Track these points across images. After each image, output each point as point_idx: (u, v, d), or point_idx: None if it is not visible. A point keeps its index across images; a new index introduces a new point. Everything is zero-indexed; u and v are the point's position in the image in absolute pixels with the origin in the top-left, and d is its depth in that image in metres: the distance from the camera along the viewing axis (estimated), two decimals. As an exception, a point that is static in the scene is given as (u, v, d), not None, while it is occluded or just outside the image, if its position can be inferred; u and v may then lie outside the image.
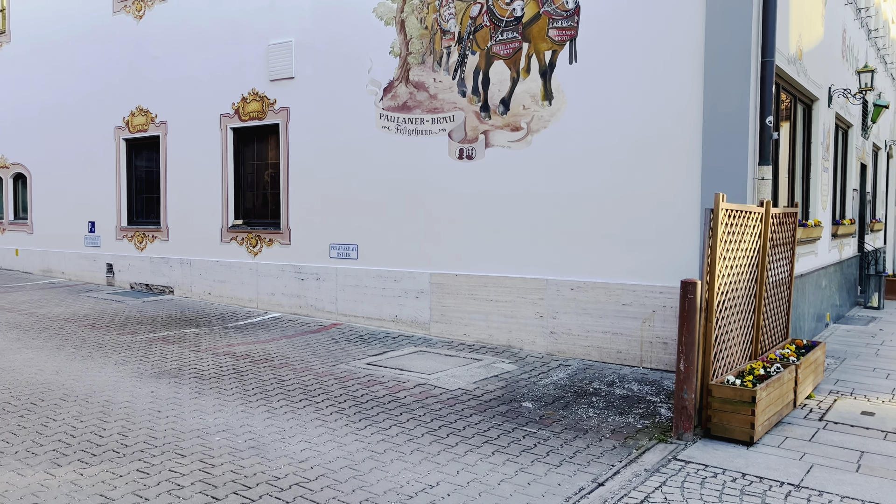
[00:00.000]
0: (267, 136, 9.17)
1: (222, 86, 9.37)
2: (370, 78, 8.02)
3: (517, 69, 6.96)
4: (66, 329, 7.49)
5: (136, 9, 10.30)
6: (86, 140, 11.14)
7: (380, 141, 7.96)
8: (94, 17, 10.84)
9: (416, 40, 7.68)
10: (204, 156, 9.64)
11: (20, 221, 12.44)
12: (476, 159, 7.29)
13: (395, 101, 7.84)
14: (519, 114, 6.98)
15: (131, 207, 10.78)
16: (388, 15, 7.85)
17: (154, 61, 10.15)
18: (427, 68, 7.61)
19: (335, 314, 8.34)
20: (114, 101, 10.69)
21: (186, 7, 9.72)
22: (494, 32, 7.11)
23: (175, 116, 9.99)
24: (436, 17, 7.52)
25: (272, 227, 9.03)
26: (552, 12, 6.70)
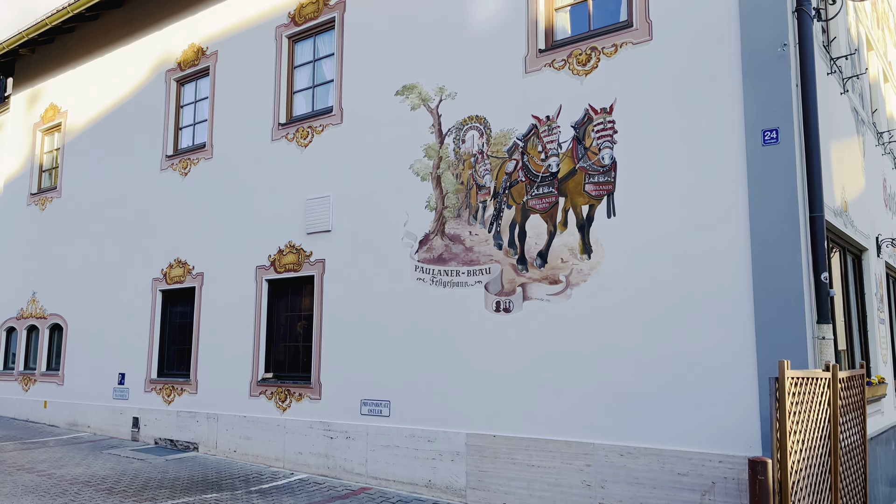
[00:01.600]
0: (301, 288, 9.13)
1: (259, 238, 9.49)
2: (406, 231, 8.03)
3: (554, 223, 6.89)
4: (82, 494, 7.09)
5: (183, 166, 10.73)
6: (123, 292, 11.26)
7: (415, 293, 7.83)
8: (143, 176, 11.30)
9: (451, 195, 7.74)
10: (237, 307, 9.60)
11: (52, 373, 12.36)
12: (513, 312, 7.07)
13: (431, 254, 7.78)
14: (557, 267, 6.82)
15: (162, 359, 10.65)
16: (425, 171, 7.98)
17: (195, 215, 10.42)
18: (463, 222, 7.60)
19: (365, 477, 7.83)
20: (154, 253, 10.89)
21: (229, 164, 10.09)
22: (530, 187, 7.13)
23: (212, 268, 10.08)
24: (471, 174, 7.61)
25: (302, 380, 8.76)
26: (588, 168, 6.71)
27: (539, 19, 7.26)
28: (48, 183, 13.46)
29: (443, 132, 7.91)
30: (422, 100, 8.10)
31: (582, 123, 6.82)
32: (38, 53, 13.76)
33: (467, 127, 7.71)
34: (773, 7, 5.84)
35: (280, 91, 9.62)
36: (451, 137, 7.83)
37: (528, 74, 7.27)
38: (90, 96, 12.60)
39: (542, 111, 7.12)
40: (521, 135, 7.26)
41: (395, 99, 8.33)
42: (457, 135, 7.79)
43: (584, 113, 6.82)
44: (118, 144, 11.88)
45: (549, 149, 7.02)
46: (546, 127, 7.07)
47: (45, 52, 13.65)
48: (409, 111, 8.19)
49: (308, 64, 9.57)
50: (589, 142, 6.74)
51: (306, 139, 9.21)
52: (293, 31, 9.56)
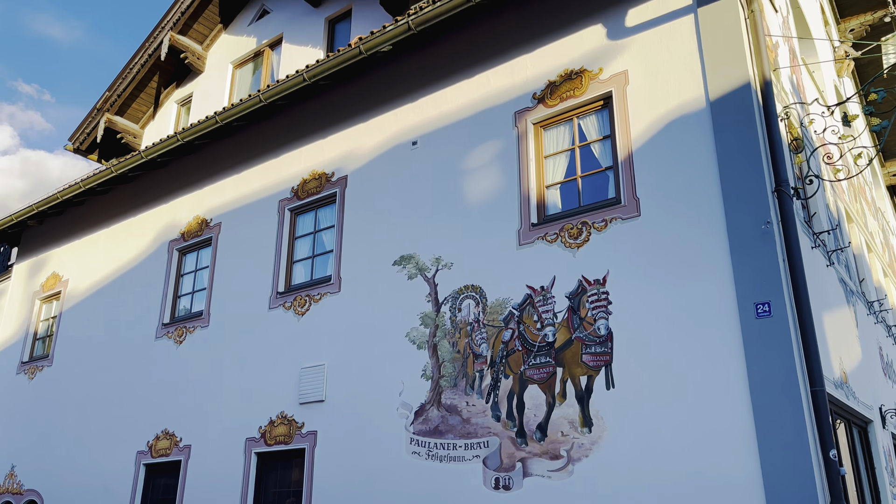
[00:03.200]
0: (292, 462, 8.77)
1: (251, 408, 9.26)
2: (401, 401, 7.87)
3: (552, 394, 6.79)
4: None
5: (178, 334, 10.71)
6: (105, 465, 10.77)
7: (410, 468, 7.52)
8: (137, 344, 11.24)
9: (448, 363, 7.68)
10: (225, 483, 9.14)
11: (19, 555, 11.50)
12: (514, 489, 6.75)
13: (427, 426, 7.57)
14: (557, 440, 6.62)
15: (139, 541, 9.97)
16: (421, 339, 7.98)
17: (187, 384, 10.23)
18: (460, 391, 7.48)
19: None
20: (141, 424, 10.56)
21: (225, 332, 10.08)
22: (527, 357, 7.10)
23: (200, 440, 9.73)
24: (468, 342, 7.61)
25: (289, 565, 8.16)
26: (585, 338, 6.73)
27: (531, 195, 7.62)
28: (41, 351, 13.34)
29: (439, 301, 8.00)
30: (419, 269, 8.28)
31: (576, 294, 6.93)
32: (46, 225, 14.20)
33: (463, 296, 7.82)
34: (754, 187, 6.15)
35: (280, 261, 9.84)
36: (447, 306, 7.92)
37: (521, 246, 7.50)
38: (92, 265, 12.84)
39: (536, 282, 7.26)
40: (516, 304, 7.35)
41: (393, 268, 8.52)
42: (453, 303, 7.88)
43: (577, 284, 6.95)
44: (115, 313, 11.93)
45: (544, 318, 7.08)
46: (541, 297, 7.17)
47: (52, 223, 14.09)
48: (407, 280, 8.34)
49: (309, 235, 9.88)
50: (584, 312, 6.82)
51: (304, 307, 9.29)
52: (295, 204, 9.97)
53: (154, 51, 13.94)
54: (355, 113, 9.71)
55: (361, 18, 11.83)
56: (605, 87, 7.40)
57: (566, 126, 7.80)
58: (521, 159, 7.79)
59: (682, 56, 6.95)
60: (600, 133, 7.52)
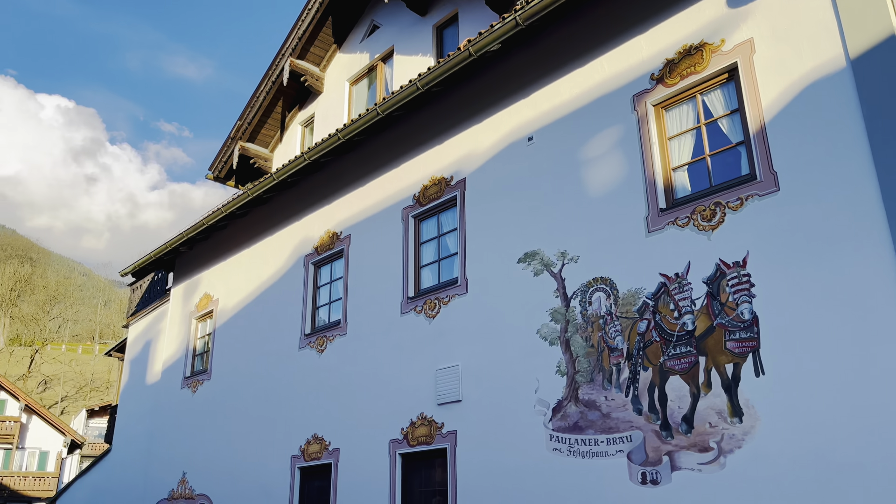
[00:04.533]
0: (434, 461, 8.96)
1: (393, 411, 9.56)
2: (537, 398, 7.83)
3: (696, 384, 6.50)
4: None
5: (319, 344, 11.25)
6: (264, 469, 11.52)
7: (552, 464, 7.47)
8: (283, 355, 11.93)
9: (582, 358, 7.56)
10: (373, 483, 9.50)
11: (196, 554, 12.52)
12: (662, 484, 6.53)
13: (566, 422, 7.49)
14: (705, 432, 6.33)
15: (300, 540, 10.56)
16: (552, 335, 7.90)
17: (331, 390, 10.72)
18: (597, 386, 7.34)
19: None
20: (293, 430, 11.19)
21: (362, 339, 10.47)
22: (666, 347, 6.84)
23: (347, 444, 10.17)
24: (601, 335, 7.45)
25: (440, 563, 8.34)
26: (727, 324, 6.39)
27: (657, 179, 7.35)
28: (200, 366, 14.47)
29: (568, 296, 7.89)
30: (544, 265, 8.21)
31: (714, 279, 6.61)
32: (195, 250, 15.39)
33: (593, 289, 7.67)
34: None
35: (408, 267, 10.10)
36: (576, 300, 7.80)
37: (650, 234, 7.25)
38: (238, 284, 13.77)
39: (670, 269, 6.99)
40: (650, 294, 7.11)
41: (518, 266, 8.50)
42: (582, 297, 7.75)
43: (715, 268, 6.63)
44: (261, 326, 12.73)
45: (682, 306, 6.80)
46: (676, 284, 6.90)
47: (200, 248, 15.25)
48: (533, 277, 8.30)
49: (433, 240, 10.07)
50: (724, 297, 6.48)
51: (433, 310, 9.47)
52: (418, 210, 10.20)
53: (277, 77, 14.77)
54: (470, 115, 9.80)
55: (468, 20, 11.93)
56: (729, 59, 7.00)
57: (689, 104, 7.46)
58: (644, 143, 7.54)
59: (813, 14, 6.46)
60: (727, 108, 7.12)
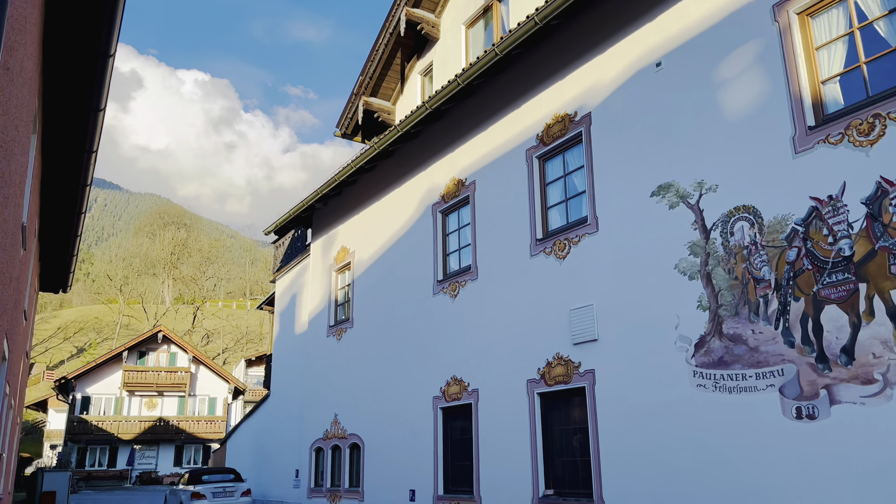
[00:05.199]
0: (573, 400, 8.99)
1: (528, 352, 9.65)
2: (678, 335, 7.61)
3: (857, 313, 6.04)
4: None
5: (452, 289, 11.49)
6: (408, 410, 12.07)
7: (696, 400, 7.27)
8: (418, 301, 12.33)
9: (725, 292, 7.22)
10: (512, 422, 9.71)
11: (354, 489, 13.45)
12: (820, 419, 6.19)
13: (710, 357, 7.23)
14: (868, 363, 5.90)
15: (447, 475, 11.04)
16: (692, 269, 7.59)
17: (466, 333, 10.98)
18: (743, 319, 7.00)
19: None
20: (432, 372, 11.61)
21: (493, 283, 10.58)
22: (819, 275, 6.38)
23: (485, 384, 10.41)
24: (745, 267, 7.07)
25: (584, 497, 8.44)
26: (892, 247, 5.85)
27: (804, 95, 6.76)
28: (342, 316, 15.25)
29: (707, 227, 7.52)
30: (680, 197, 7.85)
31: (875, 198, 6.03)
32: (330, 205, 16.07)
33: (734, 218, 7.25)
34: None
35: (535, 208, 10.01)
36: (717, 231, 7.42)
37: (798, 155, 6.71)
38: (371, 236, 14.28)
39: (821, 191, 6.46)
40: (799, 219, 6.63)
41: (651, 200, 8.18)
42: (723, 228, 7.35)
43: (875, 187, 6.04)
44: (396, 275, 13.17)
45: (836, 231, 6.28)
46: (830, 207, 6.37)
47: (334, 204, 15.91)
48: (668, 210, 7.97)
49: (559, 179, 9.88)
50: (888, 217, 5.91)
51: (563, 251, 9.37)
52: (542, 150, 10.02)
53: (393, 29, 14.86)
54: (591, 46, 9.40)
55: (584, -53, 11.34)
56: (887, -50, 6.22)
57: (839, 8, 6.73)
58: (787, 57, 6.92)
59: None
60: (884, 7, 6.37)
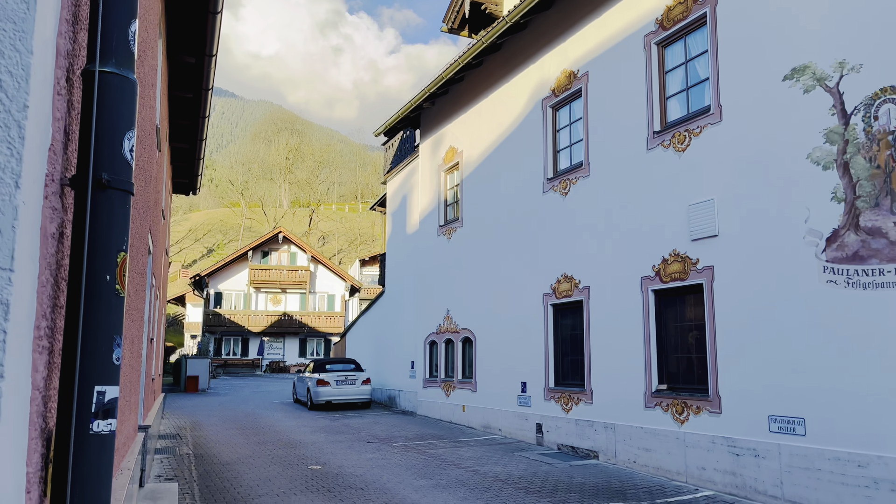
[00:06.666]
0: (689, 297, 8.82)
1: (641, 249, 9.47)
2: (808, 228, 7.19)
3: None
4: (504, 492, 7.85)
5: (562, 187, 11.32)
6: (518, 307, 12.29)
7: (826, 297, 6.94)
8: (528, 199, 12.26)
9: (865, 182, 6.69)
10: (624, 319, 9.69)
11: (466, 381, 14.07)
12: (966, 316, 5.76)
13: (843, 252, 6.82)
14: None
15: (558, 370, 11.29)
16: (827, 159, 7.06)
17: (577, 231, 10.88)
18: (884, 211, 6.50)
19: (781, 500, 7.14)
20: (543, 270, 11.68)
21: (606, 179, 10.32)
22: (978, 161, 5.76)
23: (596, 281, 10.38)
24: (890, 154, 6.49)
25: (699, 392, 8.41)
26: None
27: (973, -46, 5.89)
28: (452, 215, 15.47)
29: (847, 112, 6.91)
30: (816, 80, 7.21)
31: None
32: (437, 105, 15.99)
33: (880, 101, 6.60)
34: None
35: (652, 99, 9.52)
36: (858, 116, 6.80)
37: (962, 24, 5.94)
38: (479, 134, 14.16)
39: None
40: (958, 99, 5.95)
41: (783, 85, 7.57)
42: (866, 112, 6.72)
43: None
44: (505, 173, 13.10)
45: None
46: None
47: (442, 103, 15.81)
48: (802, 95, 7.36)
49: (679, 67, 9.30)
50: None
51: (683, 143, 8.93)
52: (662, 36, 9.40)
53: (498, -87, 14.07)
54: (718, -86, 8.53)
55: None
56: None
57: None
58: None
59: None
60: None
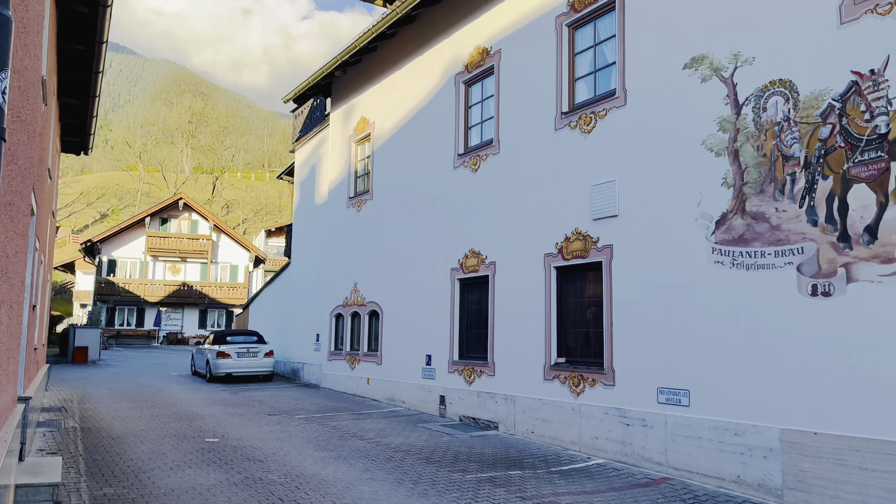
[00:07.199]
0: (589, 275, 9.15)
1: (546, 226, 9.72)
2: (700, 211, 7.59)
3: (885, 192, 5.95)
4: (405, 462, 7.95)
5: (473, 163, 11.43)
6: (426, 281, 12.38)
7: (712, 277, 7.37)
8: (438, 174, 12.30)
9: (752, 169, 7.11)
10: (528, 294, 9.95)
11: (372, 353, 14.08)
12: (835, 296, 6.27)
13: (730, 234, 7.25)
14: (891, 243, 5.89)
15: (462, 343, 11.49)
16: (719, 146, 7.45)
17: (486, 207, 11.03)
18: (767, 197, 6.94)
19: (665, 467, 7.59)
20: (450, 245, 11.79)
21: (515, 157, 10.49)
22: (851, 153, 6.24)
23: (502, 257, 10.58)
24: (776, 144, 6.91)
25: (595, 366, 8.78)
26: (930, 125, 5.67)
27: (856, -41, 6.31)
28: (362, 187, 15.32)
29: (739, 102, 7.30)
30: (713, 70, 7.57)
31: (920, 73, 5.78)
32: (349, 74, 15.70)
33: (769, 93, 7.01)
34: None
35: (561, 80, 9.72)
36: (749, 107, 7.20)
37: (843, 25, 6.37)
38: (392, 106, 14.04)
39: (863, 65, 6.18)
40: (837, 95, 6.39)
41: (683, 73, 7.90)
42: (756, 103, 7.13)
43: (922, 60, 5.77)
44: (416, 147, 13.07)
45: (875, 107, 6.07)
46: (870, 83, 6.12)
47: (354, 72, 15.53)
48: (699, 84, 7.71)
49: (588, 49, 9.52)
50: (930, 93, 5.69)
51: (589, 125, 9.19)
52: (573, 18, 9.59)
53: None
54: None
55: None
56: None
57: None
58: (843, -85, 6.40)
59: None
60: None
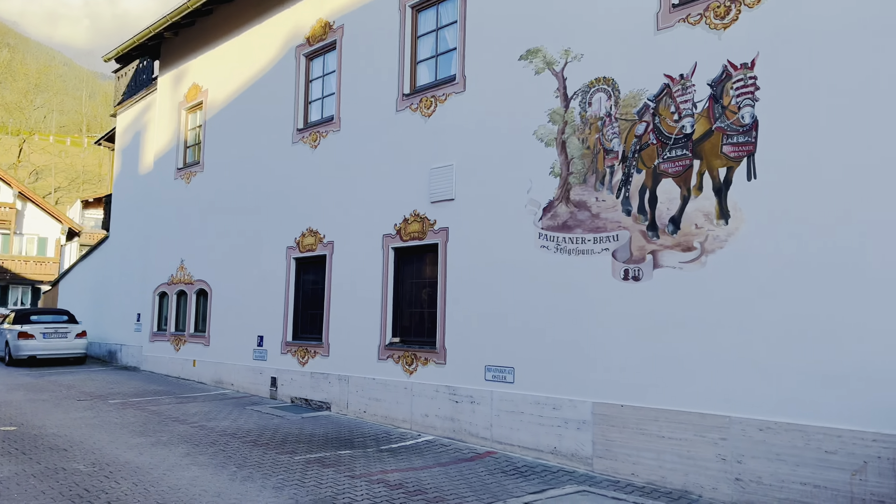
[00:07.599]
0: (426, 256, 9.30)
1: (385, 207, 9.74)
2: (529, 198, 7.96)
3: (688, 187, 6.58)
4: (230, 446, 7.66)
5: (312, 139, 11.16)
6: (260, 259, 11.96)
7: (538, 260, 7.77)
8: (276, 149, 11.88)
9: (577, 160, 7.57)
10: (366, 274, 9.93)
11: (199, 334, 13.39)
12: (643, 280, 6.85)
13: (555, 221, 7.68)
14: (691, 233, 6.52)
15: (297, 323, 11.25)
16: (549, 136, 7.84)
17: (325, 185, 10.84)
18: (589, 188, 7.43)
19: (490, 441, 7.94)
20: (288, 222, 11.47)
21: (356, 135, 10.39)
22: (662, 150, 6.83)
23: (341, 237, 10.47)
24: (598, 137, 7.40)
25: (428, 345, 8.96)
26: (726, 128, 6.33)
27: (672, -29, 6.87)
28: (192, 158, 14.44)
29: (568, 96, 7.72)
30: (546, 63, 7.93)
31: (720, 81, 6.42)
32: (181, 36, 14.68)
33: (594, 89, 7.48)
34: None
35: (404, 62, 9.74)
36: (576, 101, 7.64)
37: (659, 31, 6.93)
38: (228, 75, 13.33)
39: (675, 70, 6.77)
40: (652, 95, 6.96)
41: (519, 64, 8.21)
42: (583, 98, 7.58)
43: (721, 70, 6.41)
44: (253, 120, 12.53)
45: (682, 109, 6.68)
46: (680, 86, 6.72)
47: (187, 35, 14.55)
48: (534, 75, 8.05)
49: (431, 33, 9.61)
50: (727, 100, 6.35)
51: (430, 109, 9.30)
52: (415, 0, 9.61)
53: None
54: None
55: None
56: None
57: None
58: (663, -71, 6.94)
59: None
60: None
